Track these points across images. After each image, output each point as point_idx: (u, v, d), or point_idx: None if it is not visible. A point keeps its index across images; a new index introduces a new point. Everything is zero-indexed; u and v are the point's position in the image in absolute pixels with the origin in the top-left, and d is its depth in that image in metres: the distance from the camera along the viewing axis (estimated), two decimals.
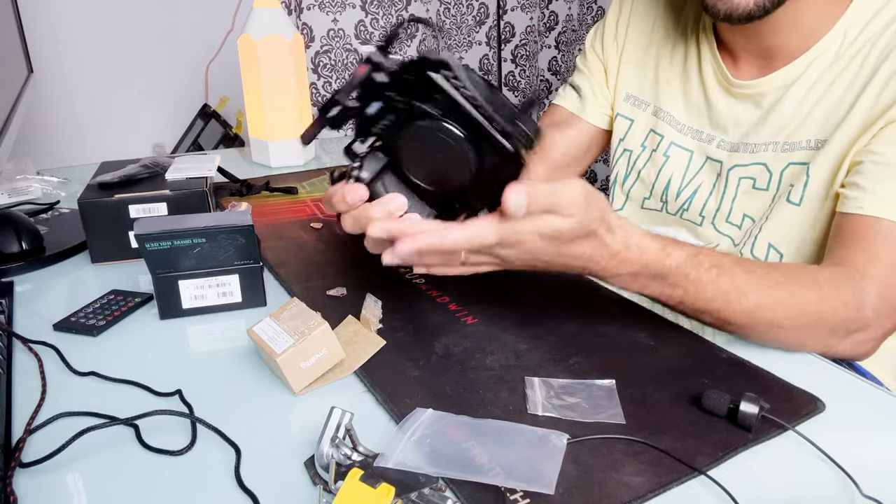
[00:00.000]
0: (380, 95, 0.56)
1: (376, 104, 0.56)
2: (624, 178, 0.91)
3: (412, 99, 0.54)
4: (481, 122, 0.51)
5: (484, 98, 0.52)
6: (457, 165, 0.54)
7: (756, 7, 0.67)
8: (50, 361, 0.64)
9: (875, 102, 0.67)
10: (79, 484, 0.49)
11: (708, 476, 0.48)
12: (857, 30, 0.70)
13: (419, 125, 0.54)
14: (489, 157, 0.53)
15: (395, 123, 0.56)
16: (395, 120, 0.56)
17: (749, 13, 0.68)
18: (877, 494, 0.46)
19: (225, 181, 1.12)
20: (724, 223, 0.80)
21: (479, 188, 0.55)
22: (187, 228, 0.68)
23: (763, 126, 0.76)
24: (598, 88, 0.93)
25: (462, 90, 0.51)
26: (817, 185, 0.71)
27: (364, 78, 0.54)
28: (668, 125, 0.85)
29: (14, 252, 0.86)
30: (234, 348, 0.67)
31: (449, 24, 2.07)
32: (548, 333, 0.66)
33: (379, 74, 0.54)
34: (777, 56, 0.74)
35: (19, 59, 1.21)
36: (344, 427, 0.48)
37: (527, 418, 0.54)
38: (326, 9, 1.87)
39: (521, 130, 0.51)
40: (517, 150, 0.52)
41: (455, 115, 0.52)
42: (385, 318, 0.69)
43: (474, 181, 0.55)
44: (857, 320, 0.62)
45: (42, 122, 1.75)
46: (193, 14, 1.86)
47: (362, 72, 0.54)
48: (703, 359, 0.62)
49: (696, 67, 0.82)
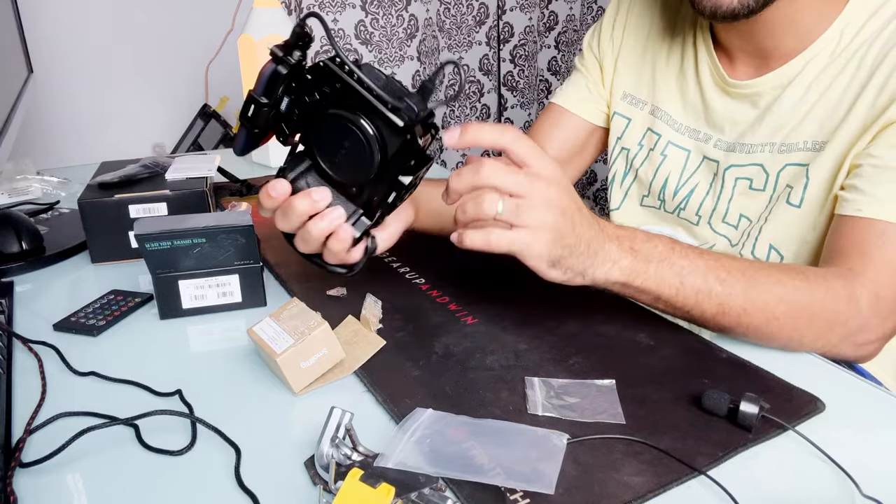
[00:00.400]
0: (287, 92, 0.59)
1: (286, 100, 0.59)
2: (623, 177, 0.91)
3: (314, 92, 0.57)
4: (370, 99, 0.54)
5: (380, 85, 0.55)
6: (361, 152, 0.57)
7: (741, 6, 0.67)
8: (50, 361, 0.64)
9: (873, 104, 0.67)
10: (79, 484, 0.49)
11: (708, 476, 0.48)
12: (854, 30, 0.70)
13: (323, 115, 0.57)
14: (390, 139, 0.56)
15: (304, 117, 0.59)
16: (302, 114, 0.59)
17: (733, 11, 0.68)
18: (877, 494, 0.46)
19: (225, 181, 1.13)
20: (720, 223, 0.80)
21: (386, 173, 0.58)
22: (187, 228, 0.68)
23: (760, 126, 0.76)
24: (594, 87, 0.93)
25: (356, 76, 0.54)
26: (817, 188, 0.71)
27: (270, 73, 0.57)
28: (665, 124, 0.86)
29: (14, 252, 0.86)
30: (234, 348, 0.67)
31: (449, 23, 2.07)
32: (548, 333, 0.66)
33: (282, 66, 0.56)
34: (773, 56, 0.74)
35: (19, 59, 1.21)
36: (344, 427, 0.48)
37: (527, 418, 0.54)
38: (326, 9, 1.87)
39: (408, 106, 0.53)
40: (407, 124, 0.54)
41: (354, 102, 0.55)
42: (385, 318, 0.69)
43: (380, 167, 0.57)
44: (853, 316, 0.62)
45: (42, 122, 1.75)
46: (193, 14, 1.86)
47: (267, 68, 0.57)
48: (703, 359, 0.62)
49: (692, 67, 0.82)
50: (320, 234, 0.60)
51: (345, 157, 0.59)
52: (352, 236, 0.61)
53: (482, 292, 0.74)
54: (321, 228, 0.60)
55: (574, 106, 0.94)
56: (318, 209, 0.60)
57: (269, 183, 0.61)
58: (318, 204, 0.60)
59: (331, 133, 0.58)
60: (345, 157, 0.59)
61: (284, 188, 0.60)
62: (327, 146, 0.60)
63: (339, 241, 0.61)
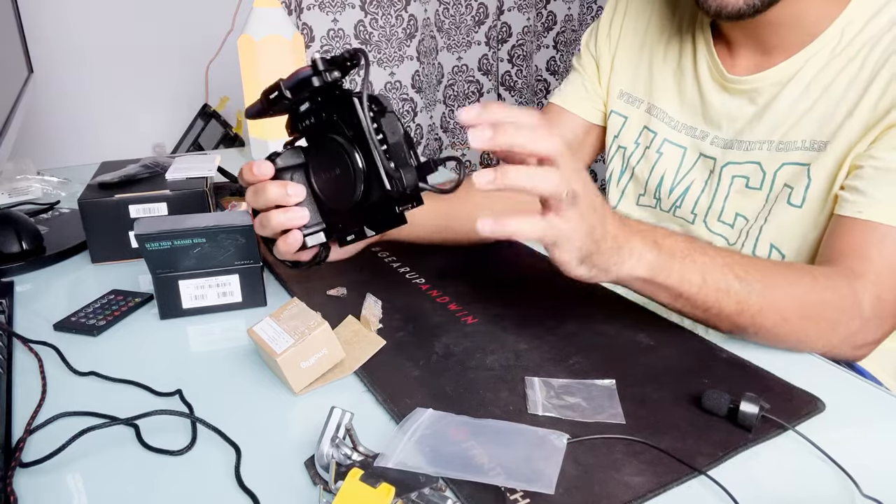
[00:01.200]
0: (312, 99, 0.61)
1: (306, 104, 0.62)
2: (619, 176, 0.92)
3: (334, 113, 0.60)
4: (374, 153, 0.57)
5: (391, 141, 0.57)
6: (347, 186, 0.60)
7: (746, 6, 0.68)
8: (50, 361, 0.64)
9: (875, 107, 0.67)
10: (79, 484, 0.49)
11: (708, 476, 0.48)
12: (856, 29, 0.70)
13: (331, 137, 0.60)
14: (374, 191, 0.58)
15: (315, 127, 0.62)
16: (315, 124, 0.62)
17: (739, 11, 0.68)
18: (877, 494, 0.46)
19: (225, 181, 1.12)
20: (715, 222, 0.80)
21: (359, 215, 0.61)
22: (187, 228, 0.68)
23: (758, 123, 0.76)
24: (591, 86, 0.94)
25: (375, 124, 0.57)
26: (818, 188, 0.71)
27: (304, 77, 0.58)
28: (661, 122, 0.86)
29: (14, 252, 0.86)
30: (234, 348, 0.67)
31: (448, 23, 2.07)
32: (548, 333, 0.66)
33: (317, 79, 0.58)
34: (774, 52, 0.74)
35: (19, 59, 1.21)
36: (344, 427, 0.48)
37: (527, 418, 0.54)
38: (326, 9, 1.87)
39: (401, 177, 0.56)
40: (391, 193, 0.57)
41: (361, 143, 0.58)
42: (385, 318, 0.69)
43: (356, 206, 0.60)
44: (854, 317, 0.62)
45: (42, 122, 1.75)
46: (193, 14, 1.86)
47: (304, 71, 0.58)
48: (703, 359, 0.62)
49: (690, 63, 0.83)
50: (278, 226, 0.63)
51: (332, 179, 0.62)
52: (300, 243, 0.64)
53: (482, 292, 0.74)
54: (280, 221, 0.63)
55: (572, 105, 0.94)
56: (287, 203, 0.63)
57: (256, 161, 0.63)
58: (289, 199, 0.63)
59: (330, 154, 0.61)
60: (332, 179, 0.62)
61: (267, 171, 0.63)
62: (323, 161, 0.63)
63: (288, 244, 0.63)
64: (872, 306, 0.62)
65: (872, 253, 0.63)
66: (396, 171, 0.56)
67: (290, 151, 0.64)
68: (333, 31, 1.90)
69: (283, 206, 0.63)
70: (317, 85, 0.58)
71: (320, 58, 0.58)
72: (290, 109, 0.63)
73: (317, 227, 0.64)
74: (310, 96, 0.61)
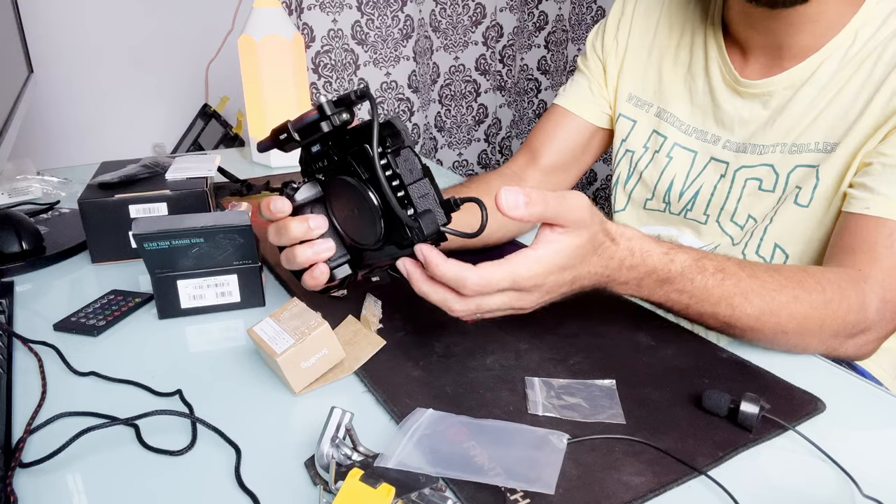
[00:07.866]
0: (323, 141, 0.60)
1: (317, 147, 0.61)
2: (626, 180, 0.91)
3: (347, 155, 0.58)
4: (392, 204, 0.54)
5: (408, 182, 0.55)
6: (367, 227, 0.58)
7: None
8: (50, 361, 0.64)
9: (886, 104, 0.67)
10: (79, 484, 0.49)
11: (708, 476, 0.48)
12: (870, 31, 0.69)
13: (345, 179, 0.58)
14: (395, 233, 0.56)
15: (330, 168, 0.61)
16: (329, 166, 0.61)
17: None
18: (877, 494, 0.46)
19: (225, 181, 1.13)
20: (728, 222, 0.80)
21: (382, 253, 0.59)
22: (185, 228, 0.68)
23: (771, 127, 0.75)
24: (596, 88, 0.93)
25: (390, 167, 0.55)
26: (826, 188, 0.71)
27: (311, 122, 0.57)
28: (671, 126, 0.85)
29: (14, 252, 0.86)
30: (234, 348, 0.67)
31: (445, 24, 2.07)
32: (548, 333, 0.66)
33: (325, 124, 0.56)
34: (787, 55, 0.74)
35: (19, 59, 1.21)
36: (344, 427, 0.48)
37: (527, 418, 0.54)
38: (326, 9, 1.87)
39: (419, 228, 0.54)
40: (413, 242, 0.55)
41: (376, 186, 0.56)
42: (385, 318, 0.69)
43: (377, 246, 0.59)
44: (859, 323, 0.62)
45: (42, 122, 1.75)
46: (193, 14, 1.86)
47: (311, 115, 0.57)
48: (703, 359, 0.62)
49: (702, 67, 0.82)
50: (305, 262, 0.62)
51: (352, 218, 0.60)
52: (327, 276, 0.62)
53: None
54: (307, 256, 0.62)
55: (576, 107, 0.93)
56: (311, 237, 0.62)
57: (272, 197, 0.62)
58: (313, 232, 0.61)
59: (347, 195, 0.59)
60: (352, 218, 0.60)
61: (284, 207, 0.62)
62: (341, 200, 0.61)
63: (314, 278, 0.62)
64: (878, 309, 0.62)
65: (881, 251, 0.63)
66: (415, 221, 0.54)
67: (307, 185, 0.63)
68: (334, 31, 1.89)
69: (308, 241, 0.62)
70: (326, 131, 0.56)
71: (327, 101, 0.56)
72: (301, 147, 0.61)
73: (342, 259, 0.63)
74: (319, 140, 0.60)
